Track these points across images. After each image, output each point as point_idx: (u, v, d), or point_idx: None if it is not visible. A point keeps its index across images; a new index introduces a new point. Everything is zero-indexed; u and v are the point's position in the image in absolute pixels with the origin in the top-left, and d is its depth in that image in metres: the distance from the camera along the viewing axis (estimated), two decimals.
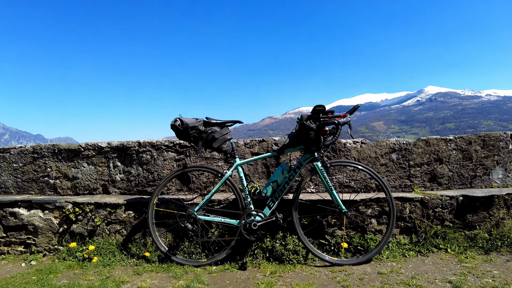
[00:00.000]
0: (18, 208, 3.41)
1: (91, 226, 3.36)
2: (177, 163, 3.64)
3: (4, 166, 3.79)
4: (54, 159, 3.74)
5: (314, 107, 2.82)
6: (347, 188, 3.56)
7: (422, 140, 3.59)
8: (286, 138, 3.09)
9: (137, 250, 3.23)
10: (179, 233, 3.25)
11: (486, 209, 3.25)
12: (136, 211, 3.34)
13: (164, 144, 3.63)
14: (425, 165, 3.57)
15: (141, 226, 3.33)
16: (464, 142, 3.59)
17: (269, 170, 3.60)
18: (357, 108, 2.99)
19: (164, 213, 3.26)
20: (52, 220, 3.39)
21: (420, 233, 3.22)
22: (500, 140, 3.60)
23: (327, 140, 2.87)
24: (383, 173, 3.55)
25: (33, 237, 3.41)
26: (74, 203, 3.38)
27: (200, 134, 2.96)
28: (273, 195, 2.96)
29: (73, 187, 3.75)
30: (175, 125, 2.96)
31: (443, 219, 3.25)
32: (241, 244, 3.07)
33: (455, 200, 3.25)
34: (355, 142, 3.58)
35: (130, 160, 3.68)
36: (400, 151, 3.56)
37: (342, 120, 2.84)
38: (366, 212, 3.22)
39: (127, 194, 3.70)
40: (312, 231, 3.20)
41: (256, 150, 3.61)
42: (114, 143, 3.68)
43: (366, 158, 3.56)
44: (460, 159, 3.59)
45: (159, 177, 3.63)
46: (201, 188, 3.62)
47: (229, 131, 3.07)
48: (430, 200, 3.24)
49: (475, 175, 3.60)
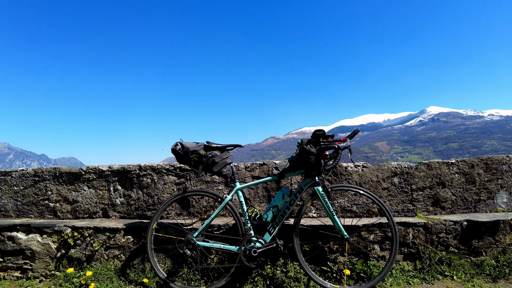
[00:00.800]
0: (17, 232, 3.38)
1: (90, 251, 3.31)
2: (177, 186, 3.63)
3: (5, 189, 3.79)
4: (55, 182, 3.74)
5: (314, 132, 2.83)
6: (349, 213, 3.52)
7: (423, 163, 3.56)
8: (287, 162, 3.08)
9: (135, 276, 3.17)
10: (178, 259, 3.19)
11: (492, 235, 3.18)
12: (135, 235, 3.30)
13: (165, 167, 3.63)
14: (427, 189, 3.53)
15: (140, 251, 3.28)
16: (466, 165, 3.56)
17: (270, 194, 3.57)
18: (357, 133, 2.99)
19: (163, 238, 3.22)
20: (50, 244, 3.35)
21: (424, 259, 3.14)
22: (503, 163, 3.57)
23: (327, 165, 2.86)
24: (385, 197, 3.51)
25: (30, 262, 3.36)
26: (73, 227, 3.34)
27: (200, 158, 2.96)
28: (273, 220, 2.92)
29: (73, 211, 3.73)
30: (175, 149, 2.97)
31: (447, 245, 3.18)
32: (241, 271, 3.01)
33: (459, 225, 3.19)
34: (356, 166, 3.57)
35: (131, 184, 3.67)
36: (402, 174, 3.53)
37: (342, 144, 2.84)
38: (368, 238, 3.16)
39: (126, 218, 3.67)
40: (313, 258, 3.13)
41: (256, 174, 3.59)
42: (115, 167, 3.68)
43: (368, 182, 3.53)
44: (463, 183, 3.55)
45: (159, 201, 3.61)
46: (201, 212, 3.58)
47: (229, 155, 3.06)
48: (433, 225, 3.18)
49: (479, 199, 3.55)
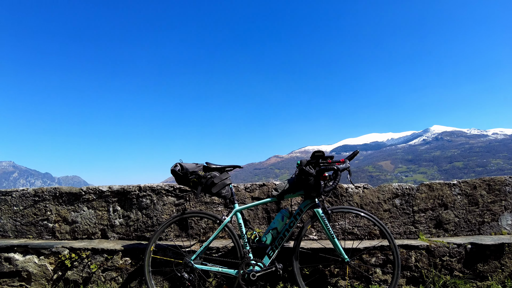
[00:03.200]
0: (14, 253, 3.34)
1: (87, 273, 3.26)
2: (176, 207, 3.61)
3: (4, 209, 3.79)
4: (55, 202, 3.74)
5: (313, 153, 2.83)
6: (350, 235, 3.46)
7: (425, 184, 3.53)
8: (286, 183, 3.07)
9: None
10: (176, 281, 3.13)
11: (497, 258, 3.10)
12: (133, 257, 3.25)
13: (164, 188, 3.63)
14: (429, 211, 3.47)
15: (137, 274, 3.23)
16: (468, 186, 3.52)
17: (270, 216, 3.54)
18: (357, 154, 2.98)
19: (161, 260, 3.17)
20: (47, 266, 3.31)
21: (428, 283, 3.06)
22: (506, 184, 3.52)
23: (327, 186, 2.84)
24: (386, 219, 3.46)
25: (26, 284, 3.31)
26: (71, 249, 3.31)
27: (199, 179, 2.95)
28: (273, 243, 2.88)
29: (72, 231, 3.70)
30: (175, 170, 2.97)
31: (451, 269, 3.10)
32: None
33: (463, 248, 3.12)
34: (357, 187, 3.54)
35: (130, 205, 3.65)
36: (403, 196, 3.49)
37: (341, 166, 2.83)
38: (370, 261, 3.09)
39: (125, 239, 3.63)
40: (314, 282, 3.06)
41: (256, 195, 3.57)
42: (115, 187, 3.68)
43: (369, 203, 3.49)
44: (466, 204, 3.50)
45: (158, 222, 3.58)
46: (200, 234, 3.54)
47: (228, 176, 3.06)
48: (436, 248, 3.11)
49: (483, 221, 3.49)
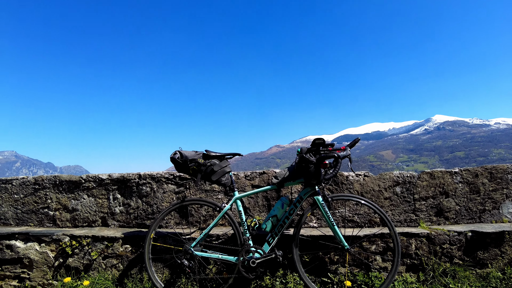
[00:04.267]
0: (15, 241, 3.36)
1: (87, 260, 3.28)
2: (176, 195, 3.60)
3: (5, 197, 3.80)
4: (55, 190, 3.74)
5: (313, 140, 2.79)
6: (351, 223, 3.45)
7: (426, 173, 3.50)
8: (286, 171, 3.05)
9: (133, 286, 3.13)
10: (176, 269, 3.15)
11: (498, 246, 3.10)
12: (133, 245, 3.26)
13: (164, 176, 3.61)
14: (430, 199, 3.46)
15: (138, 261, 3.24)
16: (470, 174, 3.49)
17: (270, 203, 3.53)
18: (357, 142, 2.95)
19: (161, 248, 3.18)
20: (48, 253, 3.33)
21: (427, 271, 3.06)
22: (508, 172, 3.49)
23: (327, 174, 2.82)
24: (387, 207, 3.45)
25: (28, 271, 3.33)
26: (72, 236, 3.32)
27: (199, 167, 2.94)
28: (272, 230, 2.88)
29: (72, 219, 3.71)
30: (174, 158, 2.95)
31: (451, 256, 3.10)
32: (240, 282, 2.95)
33: (464, 236, 3.11)
34: (357, 175, 3.52)
35: (130, 193, 3.65)
36: (404, 184, 3.47)
37: (342, 153, 2.80)
38: (370, 249, 3.09)
39: (125, 227, 3.64)
40: (314, 269, 3.07)
41: (256, 183, 3.56)
42: (115, 175, 3.67)
43: (370, 191, 3.47)
44: (467, 193, 3.48)
45: (158, 210, 3.58)
46: (200, 222, 3.54)
47: (228, 164, 3.04)
48: (437, 235, 3.11)
49: (484, 209, 3.47)
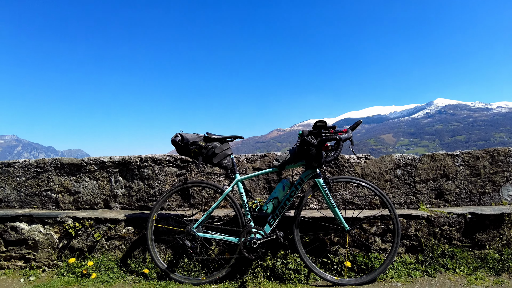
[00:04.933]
0: (19, 223, 3.40)
1: (91, 242, 3.33)
2: (178, 178, 3.62)
3: (8, 180, 3.82)
4: (57, 173, 3.75)
5: (315, 123, 2.78)
6: (351, 205, 3.48)
7: (427, 155, 3.50)
8: (287, 153, 3.05)
9: (136, 266, 3.19)
10: (178, 249, 3.19)
11: (496, 228, 3.13)
12: (136, 226, 3.30)
13: (166, 159, 3.62)
14: (431, 181, 3.47)
15: (140, 242, 3.29)
16: (471, 157, 3.49)
17: (271, 186, 3.55)
18: (359, 124, 2.93)
19: (163, 229, 3.22)
20: (52, 235, 3.37)
21: (426, 252, 3.11)
22: (510, 155, 3.49)
23: (328, 156, 2.82)
24: (387, 190, 3.46)
25: (33, 252, 3.39)
26: (75, 218, 3.36)
27: (200, 150, 2.94)
28: (273, 212, 2.90)
29: (75, 202, 3.74)
30: (175, 140, 2.95)
31: (450, 238, 3.14)
32: (241, 262, 3.00)
33: (463, 218, 3.14)
34: (359, 158, 3.52)
35: (132, 175, 3.67)
36: (405, 166, 3.48)
37: (343, 136, 2.79)
38: (370, 230, 3.12)
39: (128, 209, 3.67)
40: (314, 249, 3.11)
41: (257, 165, 3.56)
42: (116, 158, 3.68)
43: (370, 174, 3.48)
44: (468, 175, 3.49)
45: (160, 192, 3.61)
46: (201, 204, 3.57)
47: (229, 147, 3.04)
48: (436, 217, 3.13)
49: (484, 191, 3.49)
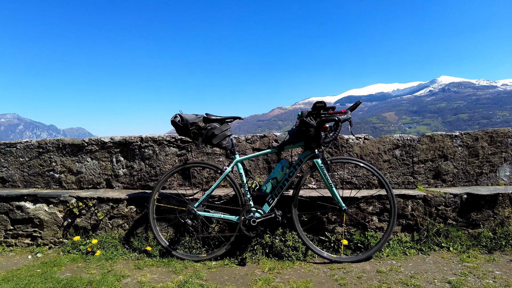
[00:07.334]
0: (24, 202, 3.48)
1: (94, 220, 3.42)
2: (178, 158, 3.66)
3: (11, 160, 3.87)
4: (59, 153, 3.80)
5: (314, 104, 2.79)
6: (349, 185, 3.53)
7: (426, 136, 3.51)
8: (287, 134, 3.07)
9: (139, 244, 3.28)
10: (180, 227, 3.28)
11: (491, 208, 3.18)
12: (138, 205, 3.38)
13: (166, 139, 3.65)
14: (429, 162, 3.50)
15: (142, 221, 3.37)
16: (470, 138, 3.50)
17: (270, 166, 3.59)
18: (359, 105, 2.93)
19: (165, 208, 3.30)
20: (57, 214, 3.46)
21: (422, 231, 3.18)
22: (509, 136, 3.50)
23: (327, 137, 2.85)
24: (385, 170, 3.50)
25: (39, 230, 3.49)
26: (78, 198, 3.43)
27: (200, 131, 2.96)
28: (272, 191, 2.96)
29: (78, 181, 3.81)
30: (175, 121, 2.96)
31: (446, 217, 3.20)
32: (241, 239, 3.09)
33: (459, 198, 3.19)
34: (358, 138, 3.53)
35: (133, 155, 3.71)
36: (404, 147, 3.50)
37: (342, 117, 2.80)
38: (367, 209, 3.19)
39: (130, 188, 3.74)
40: (312, 228, 3.19)
41: (257, 146, 3.59)
42: (117, 138, 3.71)
43: (369, 154, 3.51)
44: (466, 156, 3.51)
45: (161, 172, 3.66)
46: (202, 183, 3.63)
47: (229, 127, 3.05)
48: (433, 197, 3.19)
49: (481, 172, 3.52)
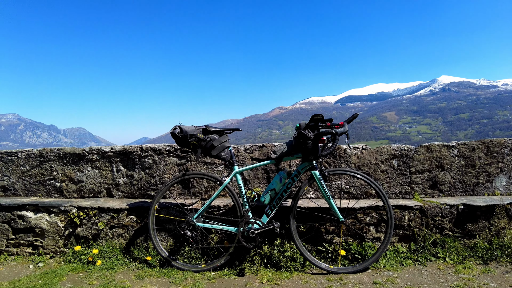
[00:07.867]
0: (26, 212, 3.52)
1: (95, 230, 3.46)
2: (178, 167, 3.70)
3: (12, 169, 3.91)
4: (60, 162, 3.84)
5: (312, 116, 2.83)
6: (347, 194, 3.57)
7: (423, 146, 3.55)
8: (285, 146, 3.10)
9: (139, 254, 3.32)
10: (179, 238, 3.32)
11: (487, 218, 3.22)
12: (138, 215, 3.42)
13: (166, 149, 3.69)
14: (426, 172, 3.54)
15: (143, 231, 3.41)
16: (467, 148, 3.54)
17: (269, 175, 3.63)
18: (356, 117, 2.97)
19: (165, 218, 3.33)
20: (58, 223, 3.50)
21: (418, 241, 3.22)
22: (505, 147, 3.53)
23: (325, 149, 2.89)
24: (383, 180, 3.54)
25: (41, 239, 3.53)
26: (79, 207, 3.47)
27: (199, 142, 3.00)
28: (271, 203, 3.00)
29: (78, 190, 3.85)
30: (174, 132, 3.00)
31: (442, 228, 3.24)
32: (240, 250, 3.13)
33: (455, 209, 3.22)
34: (355, 148, 3.57)
35: (133, 165, 3.75)
36: (401, 157, 3.53)
37: (339, 130, 2.84)
38: (364, 220, 3.22)
39: (130, 197, 3.78)
40: (310, 238, 3.23)
41: (256, 156, 3.63)
42: (117, 148, 3.75)
43: (367, 164, 3.55)
44: (463, 166, 3.55)
45: (161, 181, 3.70)
46: (201, 193, 3.67)
47: (227, 139, 3.09)
48: (429, 208, 3.22)
49: (478, 182, 3.56)
